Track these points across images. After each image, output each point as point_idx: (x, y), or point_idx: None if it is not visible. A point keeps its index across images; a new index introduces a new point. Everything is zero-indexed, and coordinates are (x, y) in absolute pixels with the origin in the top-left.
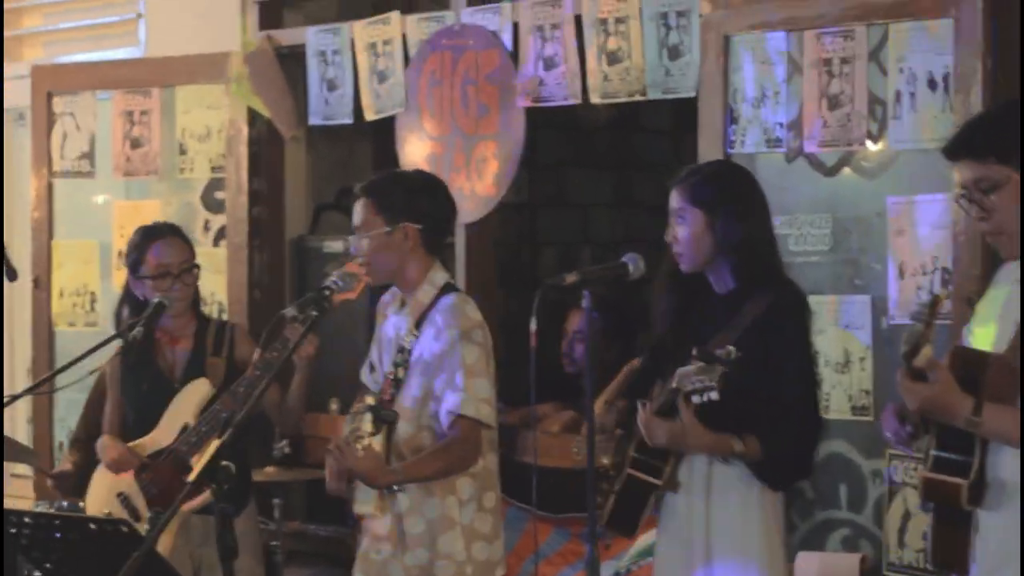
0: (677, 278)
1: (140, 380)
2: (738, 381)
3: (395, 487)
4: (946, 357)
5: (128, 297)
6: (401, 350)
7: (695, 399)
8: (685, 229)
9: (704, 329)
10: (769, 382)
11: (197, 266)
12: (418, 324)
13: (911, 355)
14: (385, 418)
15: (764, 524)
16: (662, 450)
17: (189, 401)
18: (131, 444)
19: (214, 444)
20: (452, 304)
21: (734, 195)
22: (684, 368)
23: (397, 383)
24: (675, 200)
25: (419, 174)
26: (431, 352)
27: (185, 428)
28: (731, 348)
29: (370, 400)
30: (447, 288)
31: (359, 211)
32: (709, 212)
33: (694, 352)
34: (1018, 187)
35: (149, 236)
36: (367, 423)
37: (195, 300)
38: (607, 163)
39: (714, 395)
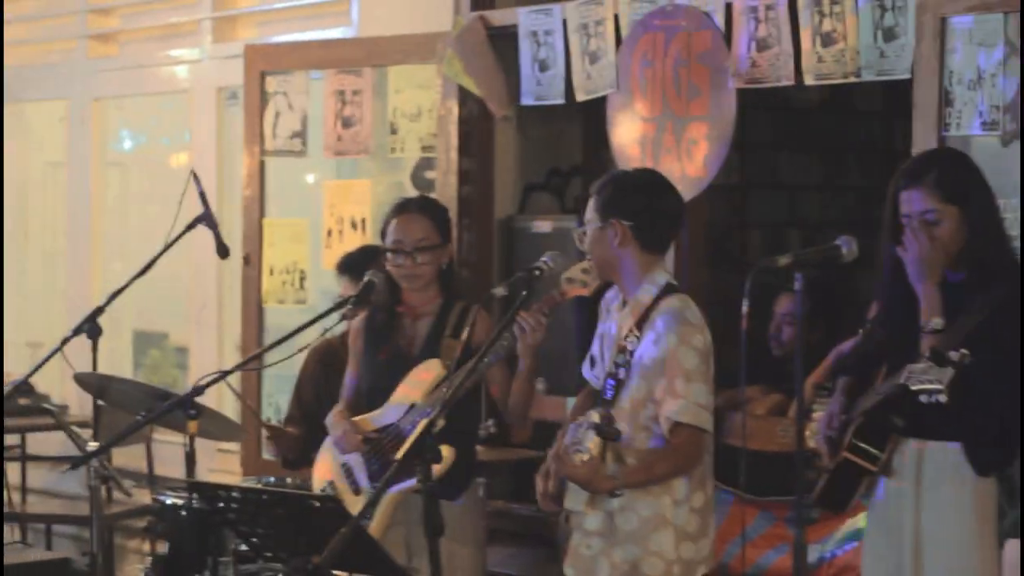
0: (903, 271)
1: (378, 352)
2: (970, 377)
3: (615, 493)
4: None
5: (357, 269)
6: (622, 351)
7: (923, 399)
8: (942, 228)
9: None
10: (1001, 376)
11: (440, 245)
12: (639, 325)
13: None
14: (609, 435)
15: (976, 511)
16: (882, 436)
17: (420, 380)
18: (359, 417)
19: (423, 423)
20: (673, 308)
21: (977, 182)
22: (915, 365)
23: (618, 384)
24: (919, 202)
25: (642, 173)
26: (651, 356)
27: (412, 407)
28: (965, 352)
29: (595, 417)
30: (668, 289)
31: (588, 210)
32: (963, 206)
33: (927, 354)
34: None
35: (394, 210)
36: (590, 440)
37: (444, 277)
38: (817, 145)
39: (943, 398)
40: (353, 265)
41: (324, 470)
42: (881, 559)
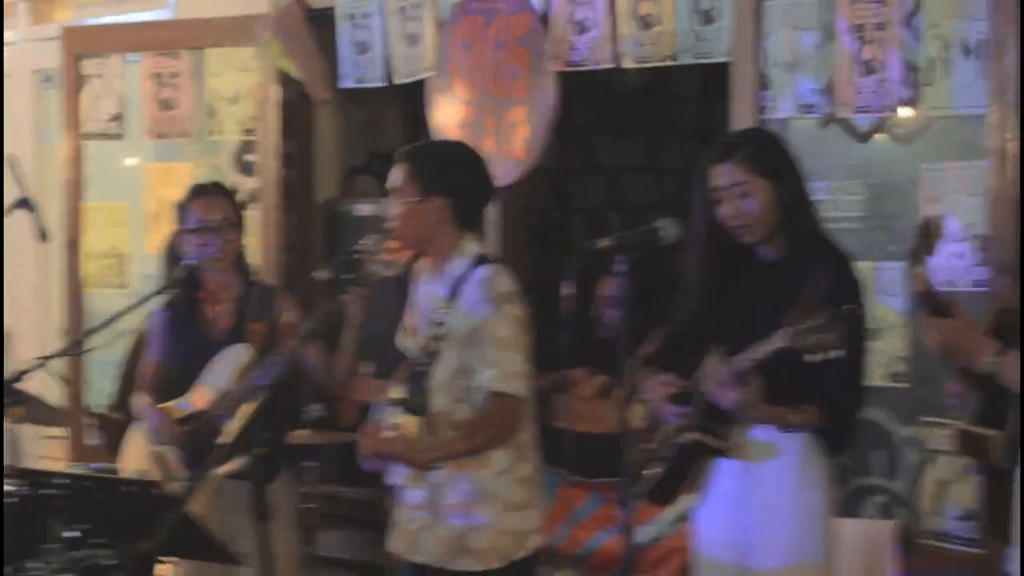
0: (719, 249)
1: (181, 339)
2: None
3: (432, 466)
4: (992, 315)
5: (172, 256)
6: (434, 323)
7: (815, 358)
8: (753, 201)
9: (751, 298)
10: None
11: (239, 225)
12: (451, 296)
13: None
14: (415, 410)
15: (822, 492)
16: (727, 415)
17: (227, 365)
18: (166, 404)
19: (248, 409)
20: (485, 276)
21: (791, 161)
22: (797, 327)
23: (432, 355)
24: (732, 174)
25: (458, 147)
26: (466, 326)
27: (224, 393)
28: (854, 306)
29: (398, 393)
30: (480, 259)
31: (395, 175)
32: (776, 181)
33: (814, 311)
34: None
35: (194, 192)
36: (397, 416)
37: (240, 262)
38: (637, 128)
39: (840, 352)
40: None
41: (135, 459)
42: (716, 531)
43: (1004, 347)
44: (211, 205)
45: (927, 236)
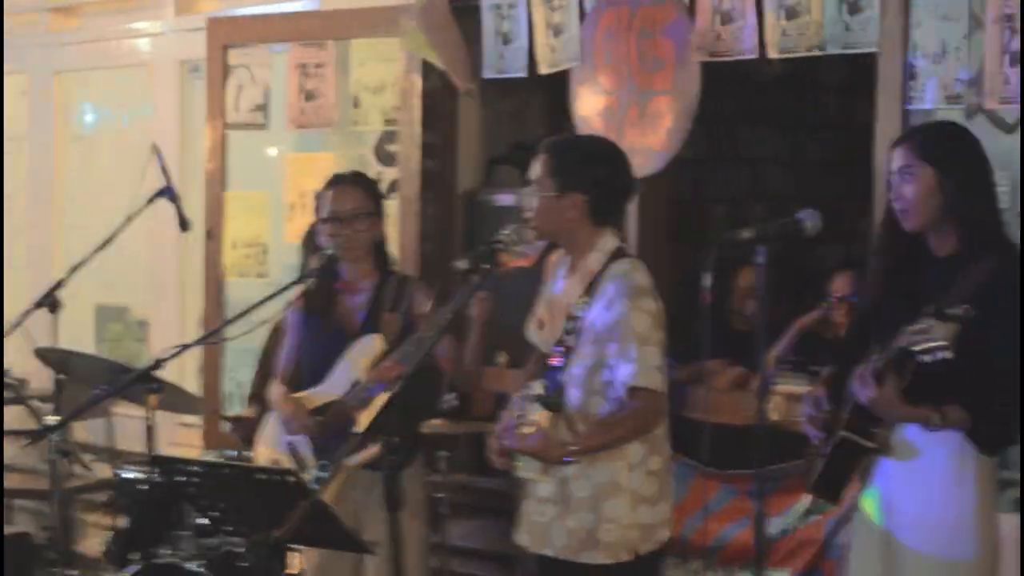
0: (894, 239)
1: (317, 328)
2: (962, 345)
3: (567, 459)
4: None
5: (310, 245)
6: (572, 317)
7: (926, 359)
8: (913, 186)
9: (922, 292)
10: (990, 347)
11: (374, 215)
12: (588, 291)
13: None
14: (553, 406)
15: (978, 491)
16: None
17: (362, 355)
18: (300, 394)
19: (382, 398)
20: (623, 271)
21: (965, 154)
22: (915, 326)
23: (568, 350)
24: (901, 157)
25: (600, 143)
26: (603, 321)
27: (356, 383)
28: (967, 306)
29: (538, 388)
30: (617, 254)
31: (536, 167)
32: (940, 169)
33: (929, 310)
34: None
35: (330, 183)
36: (535, 412)
37: (378, 251)
38: (780, 119)
39: (948, 354)
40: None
41: (269, 448)
42: (869, 533)
43: None
44: (343, 195)
45: None
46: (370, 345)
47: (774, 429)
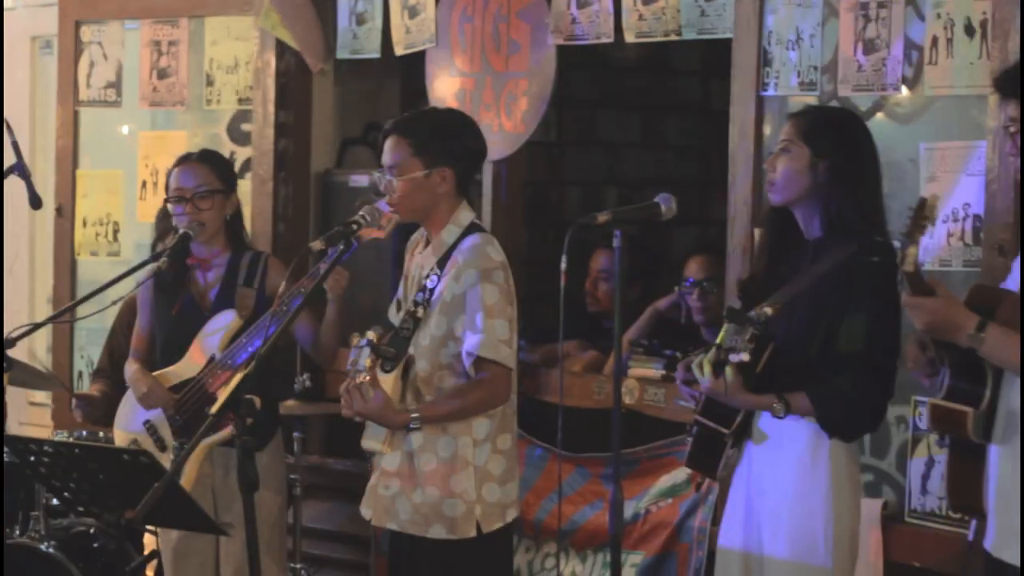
0: (776, 215)
1: (170, 306)
2: (792, 335)
3: (411, 426)
4: (967, 292)
5: (162, 224)
6: (423, 289)
7: (732, 357)
8: (787, 162)
9: (788, 273)
10: (830, 336)
11: (222, 192)
12: (441, 263)
13: (901, 260)
14: (383, 354)
15: (833, 473)
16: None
17: (217, 332)
18: (157, 373)
19: (238, 376)
20: (474, 245)
21: (845, 142)
22: (728, 325)
23: (416, 321)
24: (784, 132)
25: (453, 114)
26: (452, 292)
27: (212, 359)
28: (767, 310)
29: (371, 335)
30: (471, 228)
31: (392, 149)
32: (816, 151)
33: (724, 313)
34: None
35: (177, 161)
36: (364, 358)
37: (231, 228)
38: (637, 103)
39: (744, 356)
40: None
41: (126, 428)
42: (738, 516)
43: (984, 321)
44: (189, 172)
45: (921, 217)
46: (225, 321)
47: (628, 413)
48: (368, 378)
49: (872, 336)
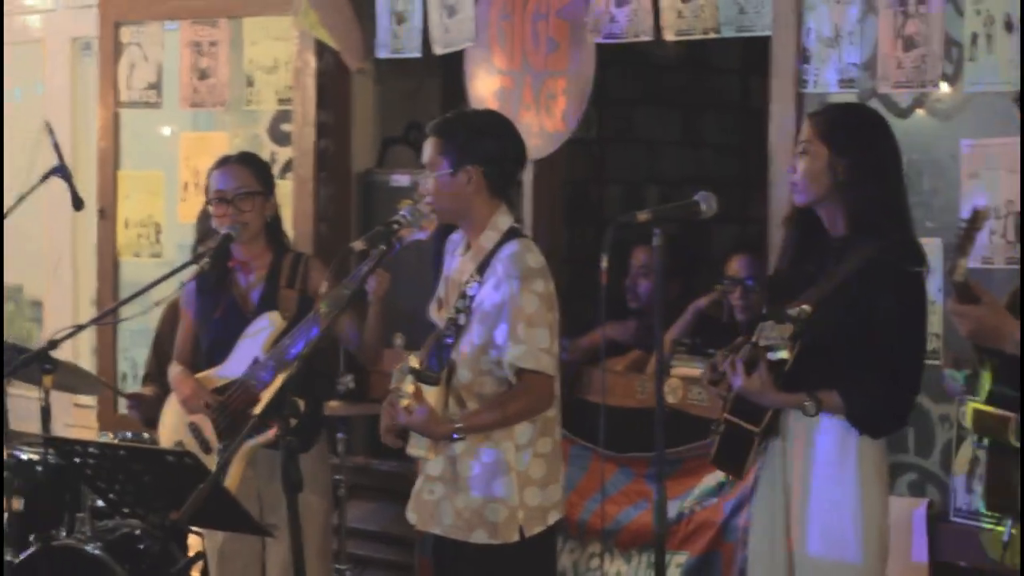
0: (800, 214)
1: (213, 308)
2: (821, 334)
3: (455, 436)
4: (1007, 295)
5: (204, 226)
6: (463, 296)
7: (771, 356)
8: (806, 162)
9: (815, 271)
10: (858, 334)
11: (262, 194)
12: (480, 270)
13: (952, 271)
14: (426, 380)
15: (861, 470)
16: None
17: (260, 334)
18: (200, 375)
19: (281, 378)
20: (513, 253)
21: (864, 138)
22: (765, 321)
23: (458, 329)
24: (804, 132)
25: (488, 115)
26: (491, 301)
27: (256, 361)
28: (806, 307)
29: (412, 361)
30: (511, 233)
31: (427, 149)
32: (835, 150)
33: (764, 311)
34: None
35: (216, 164)
36: (408, 384)
37: (271, 230)
38: (676, 101)
39: (783, 354)
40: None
41: (171, 430)
42: (767, 515)
43: None
44: (229, 174)
45: (973, 228)
46: (269, 323)
47: (671, 412)
48: (410, 402)
49: (899, 335)
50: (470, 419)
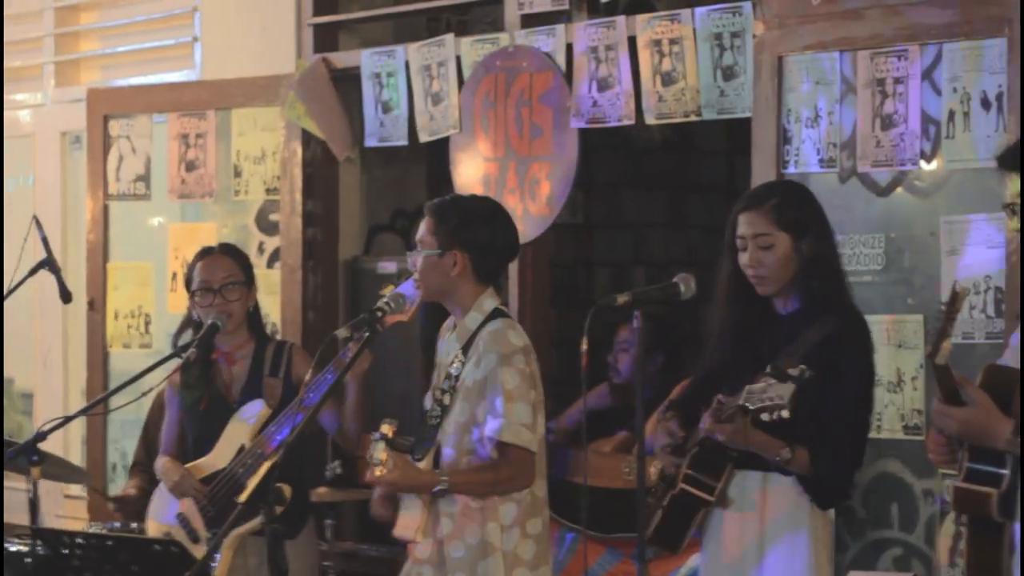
0: (740, 297)
1: (198, 400)
2: (801, 402)
3: (439, 487)
4: (979, 374)
5: (189, 318)
6: (448, 376)
7: (764, 416)
8: (772, 254)
9: (765, 348)
10: (827, 403)
11: (245, 284)
12: (464, 349)
13: (933, 353)
14: (399, 447)
15: (814, 543)
16: (717, 466)
17: (246, 422)
18: (188, 465)
19: (266, 465)
20: (494, 330)
21: (814, 217)
22: (753, 385)
23: (444, 409)
24: (754, 225)
25: (484, 202)
26: (473, 378)
27: (242, 449)
28: (804, 367)
29: (385, 429)
30: (495, 314)
31: (421, 226)
32: (796, 235)
33: (768, 370)
34: None
35: (199, 255)
36: (379, 451)
37: (253, 320)
38: (662, 183)
39: (785, 413)
40: None
41: (159, 521)
42: None
43: (1018, 424)
44: (213, 265)
45: (953, 310)
46: (254, 411)
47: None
48: (382, 471)
49: (857, 406)
50: (457, 475)
